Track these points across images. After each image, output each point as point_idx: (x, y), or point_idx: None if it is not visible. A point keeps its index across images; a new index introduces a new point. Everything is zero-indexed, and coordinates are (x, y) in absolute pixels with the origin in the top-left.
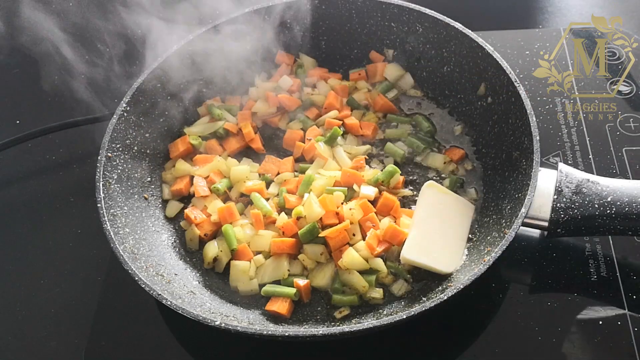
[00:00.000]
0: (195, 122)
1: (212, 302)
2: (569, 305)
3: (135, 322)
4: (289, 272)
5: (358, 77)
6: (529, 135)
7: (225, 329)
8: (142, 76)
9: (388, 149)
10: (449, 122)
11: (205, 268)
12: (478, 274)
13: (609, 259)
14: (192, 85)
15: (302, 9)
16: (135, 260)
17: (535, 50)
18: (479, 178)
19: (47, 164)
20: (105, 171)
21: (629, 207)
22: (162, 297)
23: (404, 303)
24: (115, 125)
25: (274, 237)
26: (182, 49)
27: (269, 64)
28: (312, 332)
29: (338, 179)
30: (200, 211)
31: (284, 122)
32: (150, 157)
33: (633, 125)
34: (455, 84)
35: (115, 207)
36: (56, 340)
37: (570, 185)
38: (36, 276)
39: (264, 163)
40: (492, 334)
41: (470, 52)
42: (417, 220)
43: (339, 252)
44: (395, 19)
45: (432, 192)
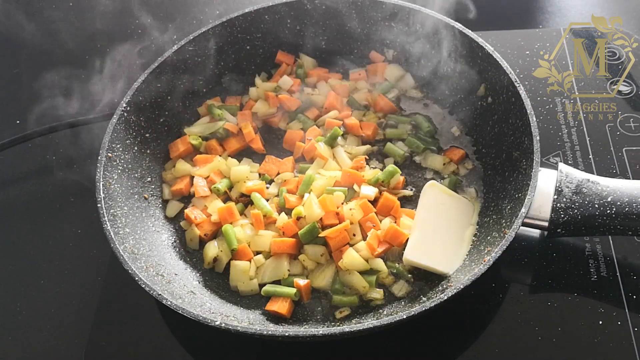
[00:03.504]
0: (195, 122)
1: (212, 302)
2: (569, 305)
3: (135, 322)
4: (289, 272)
5: (358, 77)
6: (529, 135)
7: (225, 329)
8: (142, 76)
9: (388, 149)
10: (449, 122)
11: (205, 268)
12: (478, 274)
13: (609, 259)
14: (192, 85)
15: (303, 8)
16: (135, 260)
17: (535, 50)
18: (479, 178)
19: (47, 164)
20: (105, 171)
21: (629, 207)
22: (162, 297)
23: (404, 303)
24: (115, 125)
25: (274, 237)
26: (182, 48)
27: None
28: (312, 332)
29: (338, 179)
30: (200, 211)
31: (284, 122)
32: (150, 157)
33: (633, 125)
34: (455, 84)
35: (115, 207)
36: (56, 340)
37: (571, 185)
38: (36, 276)
39: (264, 163)
40: (492, 334)
41: (470, 52)
42: (419, 220)
43: (339, 253)
44: (395, 19)
45: (433, 192)
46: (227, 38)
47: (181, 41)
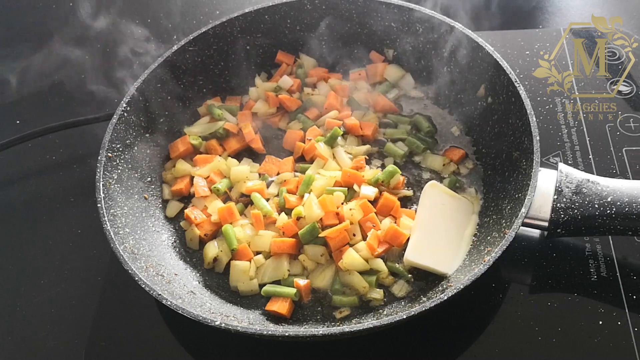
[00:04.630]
0: (195, 122)
1: (212, 302)
2: (569, 305)
3: (135, 322)
4: (289, 272)
5: (358, 77)
6: (529, 135)
7: (225, 329)
8: (142, 76)
9: (388, 149)
10: (449, 122)
11: (205, 268)
12: (478, 274)
13: (609, 259)
14: (192, 84)
15: (303, 8)
16: (135, 260)
17: (535, 50)
18: (479, 178)
19: (47, 164)
20: (105, 171)
21: (629, 207)
22: (162, 297)
23: (404, 303)
24: (115, 125)
25: (274, 237)
26: (182, 48)
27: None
28: (312, 332)
29: (338, 179)
30: (200, 211)
31: (284, 122)
32: (150, 157)
33: (633, 125)
34: (455, 84)
35: (115, 207)
36: (56, 340)
37: (570, 186)
38: (36, 276)
39: (264, 163)
40: (492, 334)
41: (470, 52)
42: (420, 221)
43: (339, 253)
44: (395, 19)
45: (434, 193)
46: (227, 38)
47: (181, 41)
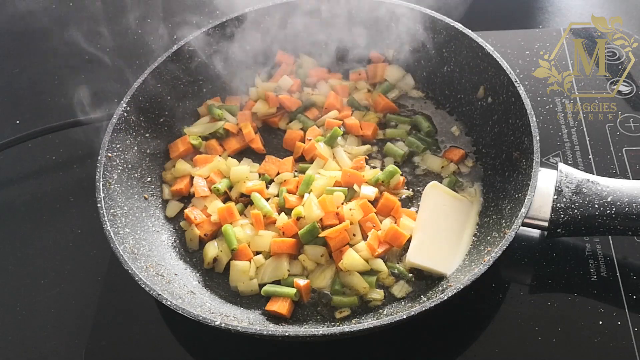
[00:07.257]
0: (195, 122)
1: (212, 302)
2: (569, 305)
3: (135, 322)
4: (289, 272)
5: (358, 77)
6: (529, 135)
7: (225, 329)
8: (142, 76)
9: (388, 149)
10: (449, 122)
11: (205, 268)
12: (478, 274)
13: (609, 259)
14: (192, 84)
15: (302, 8)
16: (135, 260)
17: (535, 50)
18: (479, 178)
19: (47, 164)
20: (105, 171)
21: (629, 207)
22: (162, 297)
23: (404, 303)
24: (115, 125)
25: (274, 237)
26: (182, 48)
27: (269, 63)
28: (312, 332)
29: (338, 179)
30: (200, 211)
31: (284, 122)
32: (150, 157)
33: (633, 125)
34: (455, 84)
35: (115, 207)
36: (56, 340)
37: (570, 186)
38: (36, 276)
39: (264, 163)
40: (492, 334)
41: (470, 52)
42: (421, 222)
43: (339, 253)
44: (395, 19)
45: (435, 193)
46: (227, 38)
47: (181, 41)
